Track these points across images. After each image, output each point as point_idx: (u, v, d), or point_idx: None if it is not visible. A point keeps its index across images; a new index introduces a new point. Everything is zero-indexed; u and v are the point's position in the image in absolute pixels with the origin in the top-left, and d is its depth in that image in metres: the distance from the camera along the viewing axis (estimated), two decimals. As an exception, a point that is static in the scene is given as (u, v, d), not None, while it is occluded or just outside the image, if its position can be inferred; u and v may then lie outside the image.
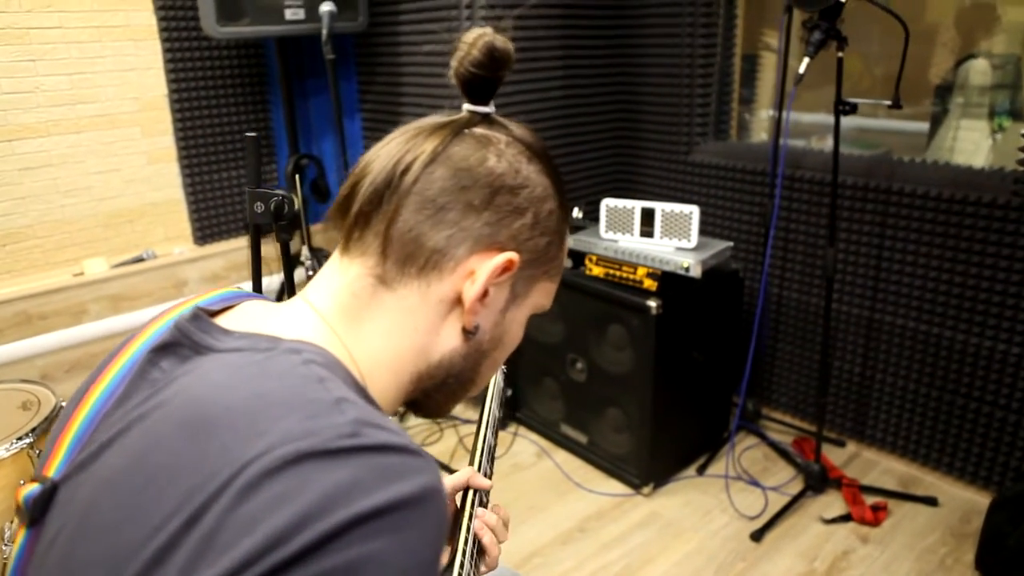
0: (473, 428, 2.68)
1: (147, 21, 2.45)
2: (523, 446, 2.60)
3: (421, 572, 0.44)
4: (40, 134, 2.33)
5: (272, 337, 0.56)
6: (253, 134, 1.04)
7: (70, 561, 0.47)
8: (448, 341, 0.63)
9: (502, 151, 0.61)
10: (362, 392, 0.56)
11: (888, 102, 1.80)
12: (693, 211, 2.12)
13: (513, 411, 2.72)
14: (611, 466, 2.39)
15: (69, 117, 2.37)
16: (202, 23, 2.14)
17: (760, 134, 2.94)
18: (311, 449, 0.44)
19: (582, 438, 2.46)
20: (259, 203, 1.03)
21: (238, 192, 2.79)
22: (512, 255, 0.60)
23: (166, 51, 2.50)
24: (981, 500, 2.19)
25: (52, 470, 0.55)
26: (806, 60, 1.82)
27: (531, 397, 2.64)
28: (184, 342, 0.56)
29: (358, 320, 0.60)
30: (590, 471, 2.43)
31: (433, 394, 0.66)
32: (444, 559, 0.88)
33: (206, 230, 2.75)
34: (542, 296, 0.68)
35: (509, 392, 1.19)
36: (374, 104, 2.85)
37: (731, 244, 2.27)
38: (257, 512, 0.41)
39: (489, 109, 0.64)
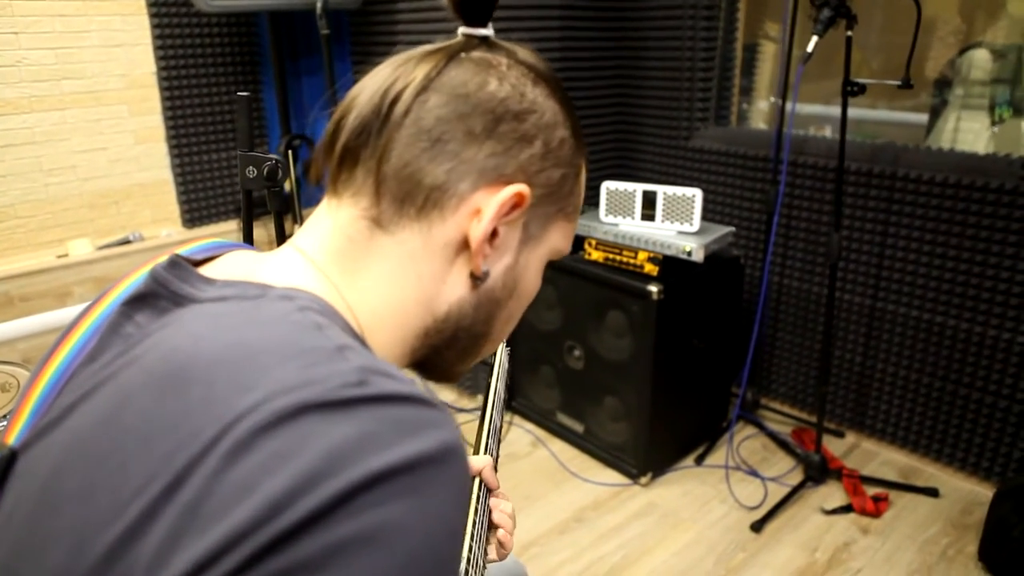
0: (469, 417, 2.64)
1: (135, -5, 2.38)
2: (518, 435, 2.55)
3: (448, 541, 0.38)
4: (23, 110, 2.25)
5: (261, 284, 0.50)
6: (245, 93, 0.98)
7: (31, 536, 0.41)
8: (456, 290, 0.56)
9: (504, 74, 0.55)
10: (363, 345, 0.49)
11: (898, 82, 1.75)
12: (696, 194, 2.08)
13: (508, 400, 2.67)
14: (608, 456, 2.34)
15: (53, 93, 2.30)
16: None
17: (758, 124, 2.90)
18: (311, 400, 0.38)
19: (579, 427, 2.41)
20: (251, 167, 0.97)
21: (228, 174, 2.72)
22: (522, 188, 0.54)
23: (155, 27, 2.43)
24: (982, 491, 2.16)
25: (12, 437, 0.49)
26: (814, 39, 1.77)
27: (527, 385, 2.59)
28: (162, 293, 0.49)
29: (355, 268, 0.54)
30: (587, 460, 2.39)
31: (443, 351, 0.59)
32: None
33: (195, 212, 2.69)
34: (559, 238, 0.61)
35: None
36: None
37: (733, 229, 2.22)
38: (251, 475, 0.35)
39: (488, 32, 0.57)
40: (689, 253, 2.04)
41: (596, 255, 2.20)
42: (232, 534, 0.34)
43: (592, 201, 2.43)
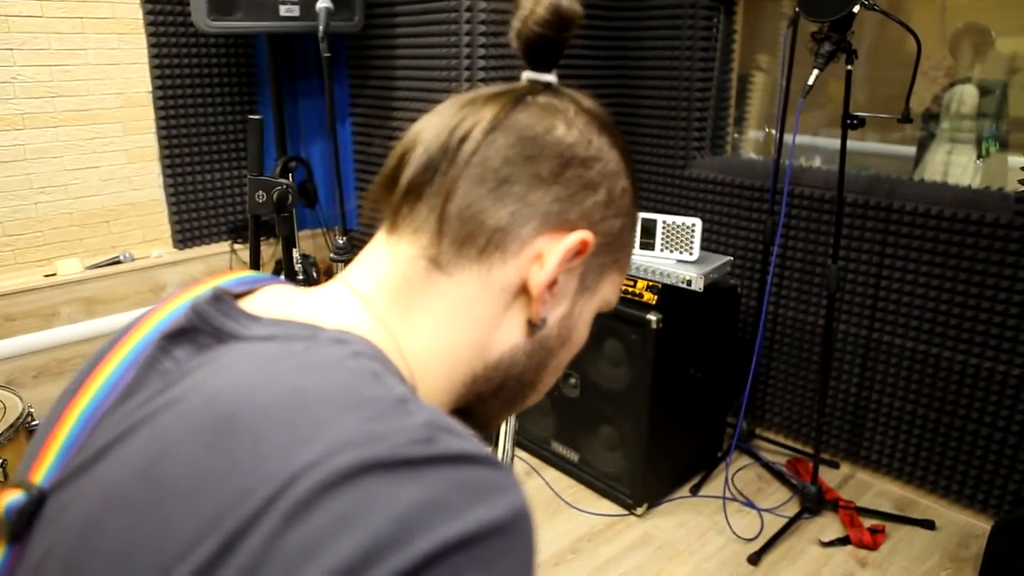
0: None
1: (133, 14, 2.37)
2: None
3: None
4: (15, 126, 2.22)
5: (310, 324, 0.47)
6: (257, 116, 0.96)
7: None
8: (510, 336, 0.54)
9: (571, 120, 0.54)
10: (414, 394, 0.46)
11: (898, 116, 1.77)
12: (696, 223, 2.08)
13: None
14: (603, 485, 2.32)
15: (47, 110, 2.27)
16: (193, 16, 2.06)
17: (750, 153, 2.92)
18: (377, 458, 0.35)
19: (573, 456, 2.38)
20: (260, 192, 0.95)
21: (221, 195, 2.69)
22: (587, 235, 0.52)
23: (152, 46, 2.42)
24: (979, 524, 2.16)
25: (39, 476, 0.45)
26: (815, 72, 1.79)
27: (521, 413, 2.56)
28: (203, 327, 0.47)
29: (409, 309, 0.52)
30: (581, 490, 2.36)
31: (489, 400, 0.57)
32: None
33: (186, 233, 2.65)
34: (610, 290, 0.60)
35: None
36: (365, 108, 2.77)
37: (731, 259, 2.23)
38: (314, 539, 0.33)
39: (552, 78, 0.57)
40: (689, 283, 2.03)
41: (594, 282, 2.19)
42: None
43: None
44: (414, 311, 0.52)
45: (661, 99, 2.69)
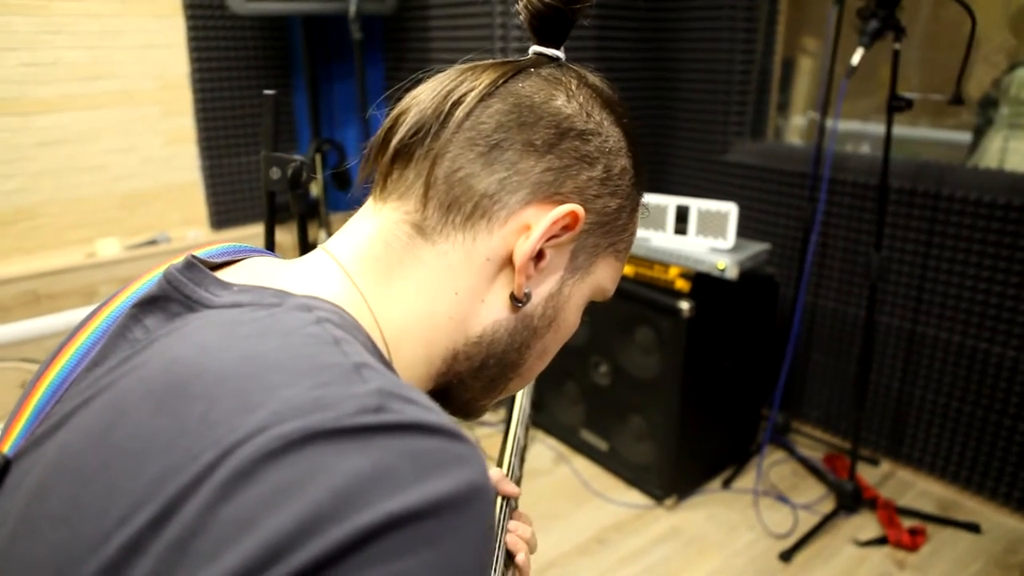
0: (490, 430, 2.59)
1: (171, -3, 2.39)
2: (540, 451, 2.49)
3: None
4: (57, 109, 2.27)
5: (279, 291, 0.45)
6: (271, 91, 0.95)
7: (9, 559, 0.37)
8: (493, 310, 0.52)
9: (572, 92, 0.52)
10: (386, 365, 0.45)
11: (948, 98, 1.68)
12: (731, 209, 2.01)
13: (532, 415, 2.61)
14: (632, 475, 2.28)
15: (88, 93, 2.31)
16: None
17: (793, 139, 2.83)
18: (322, 426, 0.33)
19: (603, 445, 2.35)
20: (275, 168, 0.94)
21: (258, 177, 2.72)
22: (577, 208, 0.50)
23: (190, 29, 2.44)
24: (1027, 529, 2.06)
25: (7, 445, 0.45)
26: (860, 50, 1.71)
27: (551, 400, 2.54)
28: (174, 296, 0.46)
29: (388, 277, 0.50)
30: (610, 480, 2.33)
31: (469, 380, 0.54)
32: None
33: (223, 215, 2.68)
34: (605, 276, 0.57)
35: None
36: (401, 92, 2.75)
37: (768, 246, 2.15)
38: (250, 510, 0.31)
39: (559, 53, 0.55)
40: (723, 270, 1.97)
41: (626, 269, 2.14)
42: None
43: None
44: (394, 279, 0.50)
45: (700, 82, 2.62)
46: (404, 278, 0.50)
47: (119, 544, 0.32)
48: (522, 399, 0.97)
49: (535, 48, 0.55)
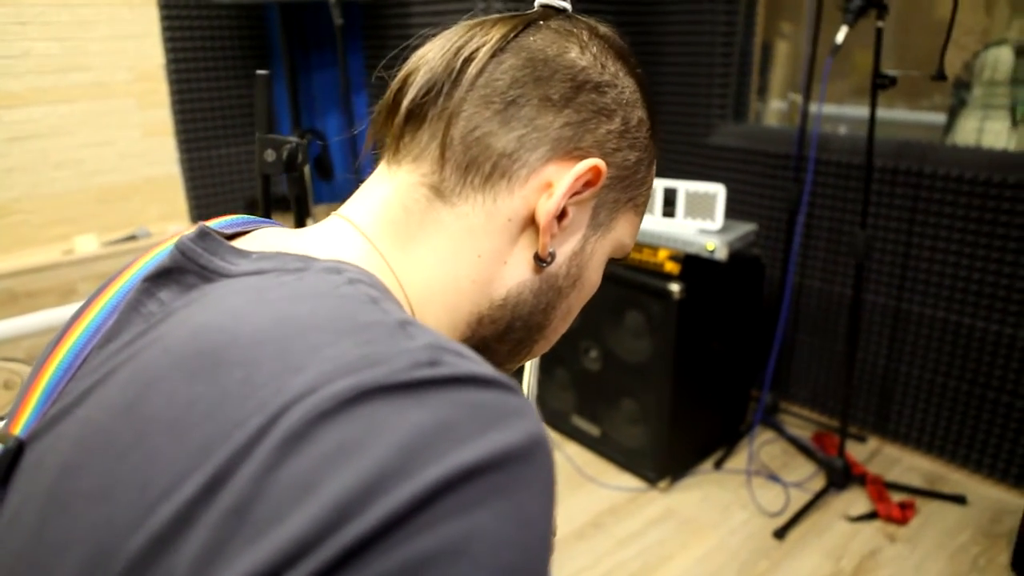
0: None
1: (144, -14, 2.34)
2: (532, 438, 2.49)
3: (542, 547, 0.32)
4: (29, 102, 2.21)
5: (303, 256, 0.44)
6: (264, 72, 0.93)
7: (39, 540, 0.35)
8: (517, 272, 0.51)
9: (585, 44, 0.50)
10: None
11: (931, 74, 1.70)
12: (719, 190, 2.02)
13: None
14: (625, 459, 2.28)
15: (60, 85, 2.25)
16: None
17: (772, 123, 2.84)
18: (376, 383, 0.32)
19: (594, 430, 2.35)
20: (270, 150, 0.92)
21: (238, 169, 2.67)
22: (599, 163, 0.49)
23: (164, 18, 2.39)
24: (1012, 499, 2.10)
25: (19, 427, 0.43)
26: (844, 29, 1.72)
27: (541, 387, 2.53)
28: (189, 267, 0.44)
29: (409, 240, 0.49)
30: (603, 464, 2.33)
31: (495, 344, 0.53)
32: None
33: (203, 208, 2.64)
34: (625, 231, 0.56)
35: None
36: (382, 80, 2.72)
37: (755, 227, 2.17)
38: (310, 472, 0.29)
39: (566, 4, 0.54)
40: (713, 251, 1.98)
41: (614, 253, 2.14)
42: (292, 545, 0.28)
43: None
44: (415, 243, 0.49)
45: (683, 65, 2.62)
46: (424, 242, 0.49)
47: (167, 516, 0.30)
48: (529, 379, 0.97)
49: (541, 0, 0.54)
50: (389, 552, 0.28)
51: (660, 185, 2.10)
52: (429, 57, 0.50)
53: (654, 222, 2.13)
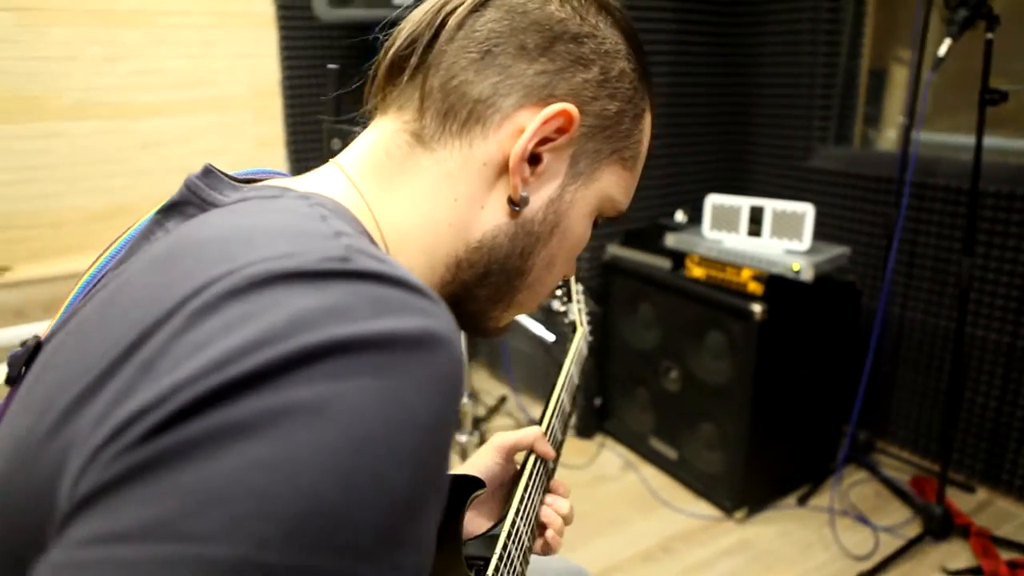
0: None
1: (265, 9, 2.53)
2: (608, 458, 2.45)
3: (412, 435, 0.33)
4: (160, 113, 2.43)
5: (283, 188, 0.48)
6: (334, 66, 0.99)
7: (24, 405, 0.41)
8: (492, 216, 0.53)
9: None
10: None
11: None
12: (807, 210, 1.94)
13: (601, 421, 2.58)
14: (701, 486, 2.20)
15: (186, 99, 2.47)
16: (314, 5, 2.18)
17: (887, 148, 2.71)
18: (286, 270, 0.35)
19: (672, 453, 2.29)
20: (336, 139, 0.98)
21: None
22: (569, 107, 0.50)
23: (282, 39, 2.57)
24: None
25: (44, 336, 0.50)
26: (947, 41, 1.63)
27: (620, 407, 2.50)
28: (192, 200, 0.49)
29: (389, 183, 0.52)
30: (679, 489, 2.26)
31: (474, 290, 0.55)
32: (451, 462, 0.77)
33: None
34: (613, 185, 0.57)
35: (585, 351, 1.07)
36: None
37: (848, 250, 2.06)
38: (207, 335, 0.32)
39: None
40: (798, 271, 1.90)
41: (698, 272, 2.10)
42: (173, 385, 0.31)
43: (696, 216, 2.33)
44: (395, 185, 0.52)
45: (780, 86, 2.56)
46: (404, 185, 0.52)
47: (97, 371, 0.34)
48: (569, 366, 0.97)
49: None
50: (252, 399, 0.30)
51: (747, 203, 2.05)
52: (414, 15, 0.53)
53: (739, 241, 2.07)
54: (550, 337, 1.82)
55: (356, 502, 0.30)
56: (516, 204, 0.52)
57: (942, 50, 1.65)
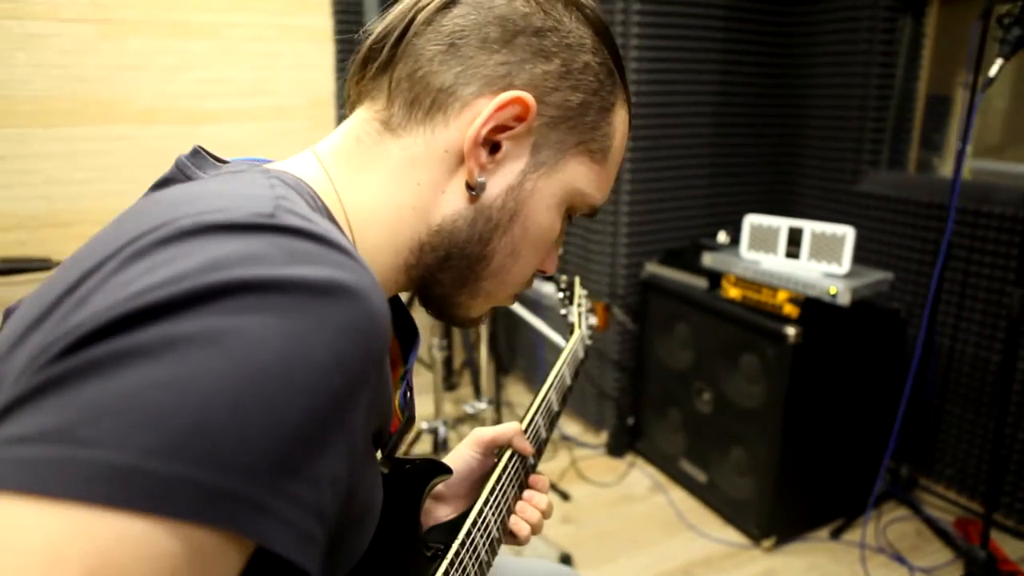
0: (590, 451, 2.56)
1: (323, 24, 2.65)
2: (637, 478, 2.42)
3: (309, 371, 0.35)
4: (222, 120, 2.56)
5: (254, 166, 0.52)
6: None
7: None
8: (452, 201, 0.55)
9: None
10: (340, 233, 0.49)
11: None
12: (847, 232, 1.90)
13: (633, 440, 2.55)
14: (730, 512, 2.15)
15: (248, 107, 2.59)
16: (366, 22, 2.27)
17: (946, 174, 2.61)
18: (214, 222, 0.38)
19: (701, 477, 2.24)
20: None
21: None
22: (524, 95, 0.52)
23: (338, 53, 2.68)
24: None
25: None
26: (999, 61, 1.58)
27: (652, 427, 2.47)
28: (178, 177, 0.53)
29: (358, 168, 0.55)
30: (706, 513, 2.21)
31: (437, 274, 0.57)
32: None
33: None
34: (581, 177, 0.58)
35: (581, 356, 1.08)
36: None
37: (890, 275, 2.00)
38: (135, 275, 0.36)
39: None
40: (835, 295, 1.85)
41: (733, 292, 2.07)
42: (92, 313, 0.34)
43: (734, 236, 2.30)
44: (363, 170, 0.55)
45: (832, 107, 2.51)
46: (372, 169, 0.55)
47: (47, 304, 0.38)
48: (562, 366, 0.98)
49: None
50: (152, 327, 0.34)
51: (785, 224, 2.02)
52: (392, 11, 0.56)
53: (776, 262, 2.03)
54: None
55: (244, 424, 0.33)
56: (473, 188, 0.54)
57: (993, 70, 1.60)
